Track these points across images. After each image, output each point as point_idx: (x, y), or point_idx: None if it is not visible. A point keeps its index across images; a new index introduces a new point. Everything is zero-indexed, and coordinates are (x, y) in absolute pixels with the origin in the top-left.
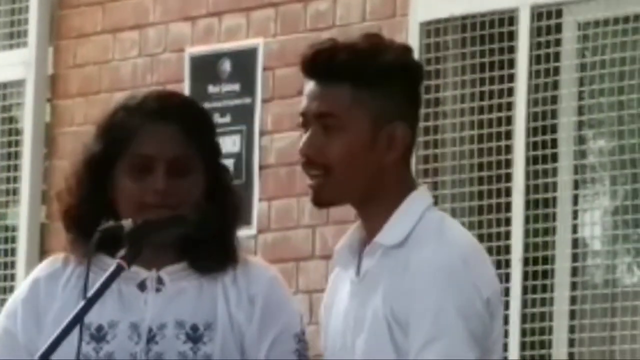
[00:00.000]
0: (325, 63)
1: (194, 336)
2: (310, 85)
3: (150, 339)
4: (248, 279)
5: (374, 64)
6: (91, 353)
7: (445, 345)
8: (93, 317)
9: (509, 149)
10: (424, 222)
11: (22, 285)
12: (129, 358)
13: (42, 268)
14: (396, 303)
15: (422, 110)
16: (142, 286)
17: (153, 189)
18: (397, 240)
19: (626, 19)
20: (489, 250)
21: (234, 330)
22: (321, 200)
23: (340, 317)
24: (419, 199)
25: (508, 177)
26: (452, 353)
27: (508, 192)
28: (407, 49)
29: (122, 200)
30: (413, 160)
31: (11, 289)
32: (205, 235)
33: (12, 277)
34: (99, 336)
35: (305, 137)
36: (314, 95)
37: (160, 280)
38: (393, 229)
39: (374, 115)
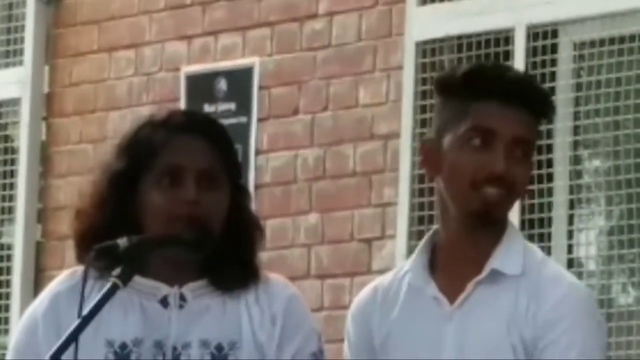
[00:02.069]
0: (541, 95)
1: (219, 356)
2: (511, 110)
3: (176, 358)
4: (269, 298)
5: (553, 108)
6: None
7: (587, 348)
8: (116, 334)
9: None
10: (529, 254)
11: (40, 300)
12: None
13: (62, 281)
14: (528, 331)
15: (417, 130)
16: (164, 302)
17: (184, 199)
18: (517, 271)
19: (622, 39)
20: None
21: (257, 350)
22: (499, 215)
23: (426, 340)
24: (516, 232)
25: None
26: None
27: None
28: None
29: (150, 214)
30: (406, 180)
31: (7, 308)
32: (202, 255)
33: (8, 296)
34: (123, 354)
35: (501, 157)
36: (519, 121)
37: (182, 297)
38: (509, 258)
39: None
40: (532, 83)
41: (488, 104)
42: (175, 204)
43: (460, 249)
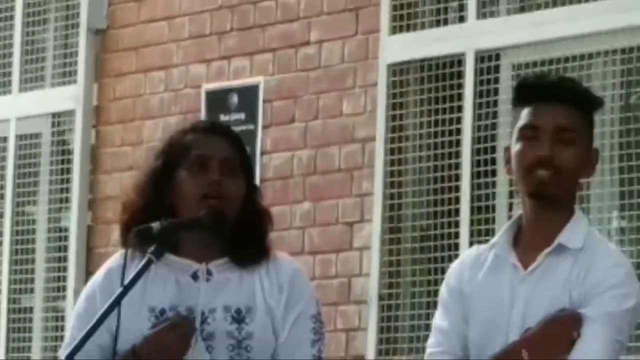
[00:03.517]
0: (576, 91)
1: (238, 318)
2: (538, 107)
3: (203, 320)
4: (277, 271)
5: (596, 100)
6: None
7: (614, 318)
8: (157, 302)
9: (457, 166)
10: (592, 236)
11: (97, 275)
12: (180, 318)
13: (114, 260)
14: (577, 292)
15: (389, 134)
16: (194, 276)
17: (209, 180)
18: (578, 246)
19: (550, 62)
20: (441, 248)
21: (268, 313)
22: (552, 193)
23: (505, 298)
24: (583, 216)
25: (457, 188)
26: (616, 326)
27: (457, 200)
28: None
29: (183, 197)
30: (380, 175)
31: (64, 278)
32: (219, 236)
33: (65, 269)
34: (162, 318)
35: (546, 144)
36: (558, 115)
37: (209, 272)
38: (574, 235)
39: (589, 136)
40: (569, 84)
41: (531, 106)
42: (203, 185)
43: (534, 227)
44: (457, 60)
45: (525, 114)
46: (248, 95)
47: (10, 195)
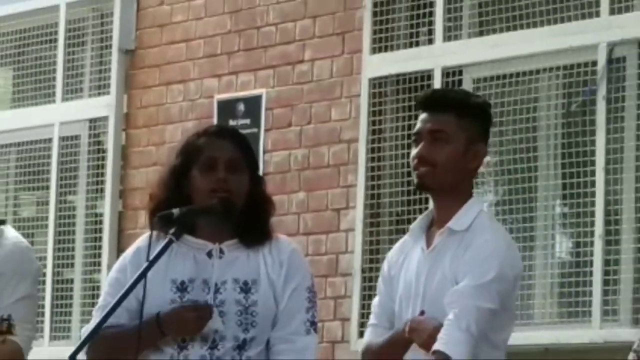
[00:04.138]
0: (453, 100)
1: (245, 289)
2: (427, 115)
3: (216, 290)
4: (278, 250)
5: (473, 102)
6: (177, 299)
7: (484, 291)
8: (178, 275)
9: None
10: (480, 218)
11: (128, 251)
12: (202, 304)
13: (142, 240)
14: (458, 268)
15: (370, 136)
16: (209, 254)
17: (217, 178)
18: (464, 227)
19: (505, 76)
20: None
21: (270, 284)
22: (430, 184)
23: (412, 275)
24: (477, 202)
25: None
26: (486, 299)
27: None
28: (488, 103)
29: (197, 191)
30: (362, 169)
31: (99, 255)
32: (228, 220)
33: (100, 247)
34: (182, 288)
35: (422, 145)
36: (433, 120)
37: (221, 251)
38: (462, 219)
39: (469, 135)
40: (451, 94)
41: (422, 115)
42: (211, 182)
43: (436, 213)
44: (426, 76)
45: (417, 121)
46: (252, 104)
47: (54, 186)
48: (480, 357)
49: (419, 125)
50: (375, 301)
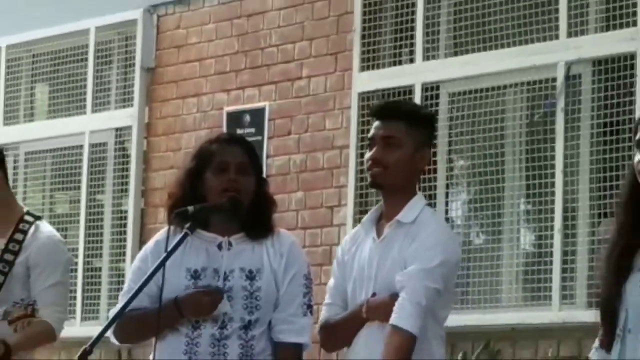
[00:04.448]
0: (403, 110)
1: (250, 276)
2: (380, 123)
3: (225, 278)
4: (280, 243)
5: (421, 112)
6: (191, 286)
7: (430, 274)
8: (192, 264)
9: None
10: (424, 212)
11: (149, 243)
12: (214, 288)
13: (161, 233)
14: (407, 254)
15: (359, 143)
16: (219, 246)
17: (228, 179)
18: (411, 220)
19: (477, 91)
20: None
21: (272, 272)
22: (382, 183)
23: (364, 263)
24: (421, 198)
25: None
26: (432, 281)
27: None
28: (434, 114)
29: (210, 191)
30: (353, 172)
31: (124, 246)
32: (236, 217)
33: (125, 239)
34: (196, 276)
35: (376, 149)
36: (385, 126)
37: (230, 243)
38: (408, 213)
39: (417, 141)
40: (403, 105)
41: (376, 122)
42: (224, 182)
43: (385, 208)
44: (408, 90)
45: (371, 128)
46: (257, 115)
47: (85, 187)
48: (426, 330)
49: (372, 131)
50: (331, 283)
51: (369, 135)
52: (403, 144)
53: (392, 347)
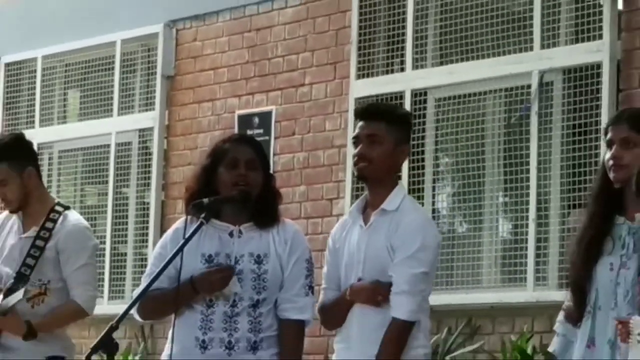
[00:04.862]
0: (383, 111)
1: (258, 260)
2: (363, 123)
3: (236, 262)
4: (284, 231)
5: (399, 113)
6: (205, 269)
7: (414, 260)
8: (206, 250)
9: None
10: (405, 201)
11: (169, 231)
12: (225, 266)
13: (180, 222)
14: (392, 240)
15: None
16: (231, 234)
17: (238, 174)
18: (394, 208)
19: (460, 97)
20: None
21: (278, 257)
22: (367, 176)
23: (353, 248)
24: (402, 188)
25: (400, 177)
26: (416, 266)
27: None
28: (410, 113)
29: (222, 184)
30: (349, 169)
31: (146, 234)
32: (246, 208)
33: (147, 228)
34: (210, 260)
35: (362, 146)
36: (368, 126)
37: (240, 231)
38: (392, 202)
39: (396, 138)
40: (383, 107)
41: (360, 122)
42: (235, 177)
43: (370, 197)
44: (399, 96)
45: (356, 128)
46: (265, 118)
47: (112, 181)
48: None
49: (357, 130)
50: (325, 270)
51: (354, 134)
52: (384, 141)
53: (387, 338)
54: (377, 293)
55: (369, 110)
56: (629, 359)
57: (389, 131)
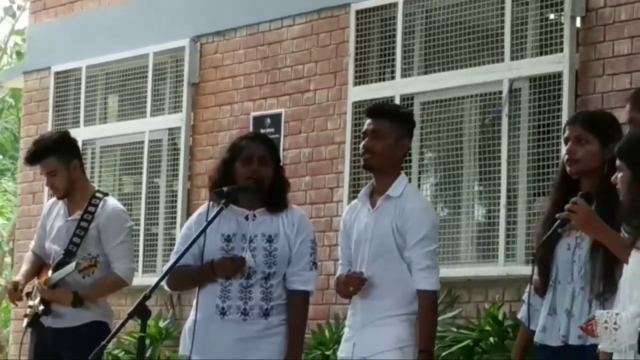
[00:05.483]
0: (385, 110)
1: (270, 240)
2: (370, 120)
3: (250, 241)
4: (292, 215)
5: (400, 112)
6: (225, 247)
7: (426, 240)
8: (225, 230)
9: None
10: (407, 188)
11: (194, 215)
12: (242, 250)
13: (203, 207)
14: (398, 223)
15: (353, 140)
16: (246, 217)
17: (252, 169)
18: (398, 194)
19: (442, 101)
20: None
21: (286, 237)
22: (371, 166)
23: (362, 228)
24: (404, 177)
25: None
26: (429, 244)
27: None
28: (412, 112)
29: (239, 177)
30: (348, 162)
31: (175, 218)
32: (259, 196)
33: (175, 213)
34: (228, 239)
35: (367, 140)
36: (373, 123)
37: (254, 215)
38: (396, 189)
39: (398, 134)
40: (387, 107)
41: (366, 120)
42: (249, 172)
43: (376, 185)
44: (390, 100)
45: (364, 124)
46: (276, 119)
47: (145, 172)
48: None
49: (365, 127)
50: (340, 249)
51: (362, 130)
52: (387, 136)
53: (421, 310)
54: (348, 285)
55: (375, 109)
56: (600, 348)
57: (391, 128)
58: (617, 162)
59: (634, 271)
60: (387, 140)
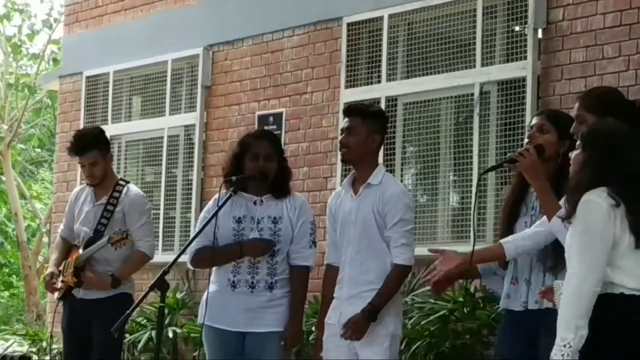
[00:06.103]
0: (360, 109)
1: (275, 221)
2: (346, 119)
3: (258, 222)
4: (294, 200)
5: (371, 110)
6: (236, 227)
7: (403, 221)
8: (236, 213)
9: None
10: (386, 176)
11: (211, 200)
12: (250, 231)
13: (216, 194)
14: (379, 207)
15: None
16: (255, 203)
17: (259, 165)
18: (377, 182)
19: (421, 102)
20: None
21: (289, 219)
22: (348, 160)
23: (346, 212)
24: (382, 167)
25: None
26: (405, 225)
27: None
28: (382, 110)
29: (248, 171)
30: (339, 156)
31: (190, 204)
32: (264, 184)
33: (190, 200)
34: (238, 221)
35: (343, 136)
36: (350, 120)
37: (261, 201)
38: (375, 177)
39: (369, 129)
40: (360, 106)
41: (344, 118)
42: (255, 168)
43: (357, 174)
44: (377, 102)
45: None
46: (278, 117)
47: (164, 164)
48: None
49: (343, 124)
50: (328, 234)
51: (341, 127)
52: (359, 132)
53: (389, 277)
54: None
55: (349, 109)
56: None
57: (363, 124)
58: (578, 142)
59: (567, 243)
60: (359, 135)
